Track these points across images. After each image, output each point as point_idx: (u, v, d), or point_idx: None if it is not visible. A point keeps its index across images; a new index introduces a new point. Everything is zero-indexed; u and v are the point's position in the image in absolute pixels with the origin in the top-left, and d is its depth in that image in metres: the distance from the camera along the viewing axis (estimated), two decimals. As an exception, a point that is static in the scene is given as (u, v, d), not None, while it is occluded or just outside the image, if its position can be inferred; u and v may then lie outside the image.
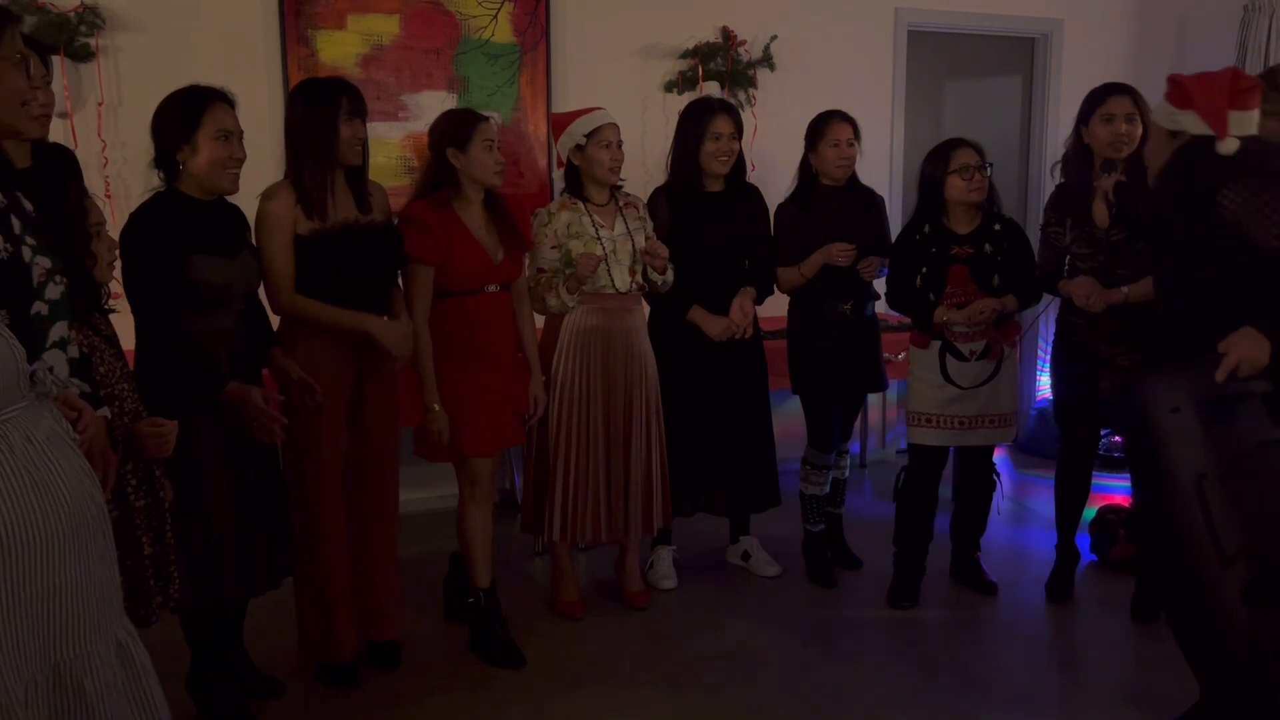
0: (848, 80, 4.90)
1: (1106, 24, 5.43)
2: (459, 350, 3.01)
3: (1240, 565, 2.08)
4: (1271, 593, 2.07)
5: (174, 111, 2.50)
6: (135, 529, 2.22)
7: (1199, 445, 2.13)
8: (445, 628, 3.36)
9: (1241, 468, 2.10)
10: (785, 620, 3.44)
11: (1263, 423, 2.13)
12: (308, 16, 4.13)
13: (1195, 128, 2.34)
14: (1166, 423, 2.16)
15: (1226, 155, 2.29)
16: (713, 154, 3.40)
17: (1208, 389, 2.16)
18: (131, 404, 2.25)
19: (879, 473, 5.05)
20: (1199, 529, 2.12)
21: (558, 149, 3.31)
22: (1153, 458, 2.21)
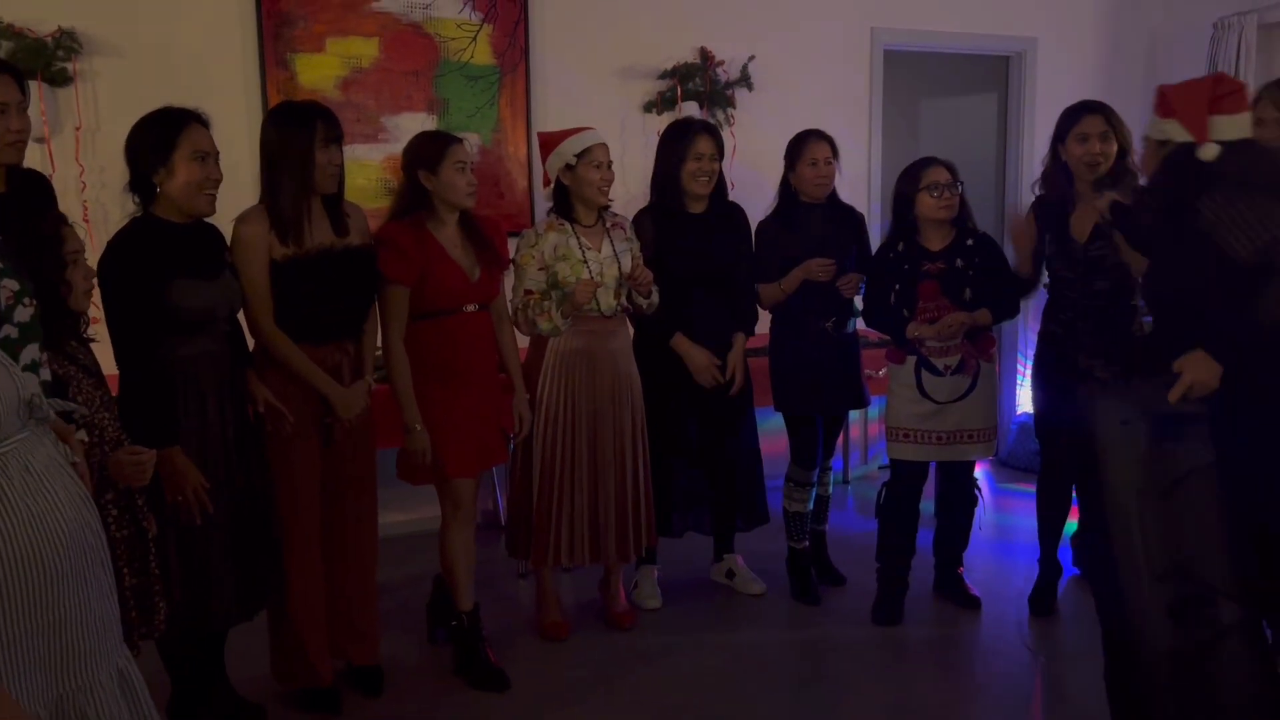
0: (825, 100, 4.94)
1: (1079, 42, 5.51)
2: (439, 370, 3.01)
3: (1170, 583, 2.11)
4: (1196, 612, 2.09)
5: (149, 134, 2.48)
6: (117, 560, 2.20)
7: (1143, 461, 2.16)
8: (428, 651, 3.34)
9: (1181, 488, 2.12)
10: (770, 639, 3.44)
11: (1206, 446, 2.15)
12: (286, 40, 4.13)
13: (1179, 135, 2.36)
14: (1115, 434, 2.19)
15: (1207, 161, 2.29)
16: (694, 174, 3.42)
17: (1160, 406, 2.19)
18: (112, 433, 2.23)
19: (862, 489, 5.06)
20: (1132, 544, 2.14)
21: (545, 168, 3.31)
22: (1097, 468, 2.24)
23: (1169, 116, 2.37)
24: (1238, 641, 2.09)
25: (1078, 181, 3.24)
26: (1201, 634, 2.09)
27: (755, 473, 3.65)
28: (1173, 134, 2.36)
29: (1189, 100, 2.32)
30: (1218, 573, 2.11)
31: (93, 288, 2.34)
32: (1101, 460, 2.22)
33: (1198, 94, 2.32)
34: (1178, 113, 2.35)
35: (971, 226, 3.43)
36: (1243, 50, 4.95)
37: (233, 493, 2.58)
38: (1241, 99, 2.34)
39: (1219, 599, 2.09)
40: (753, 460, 3.64)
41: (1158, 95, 2.44)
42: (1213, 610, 2.09)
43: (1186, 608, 2.09)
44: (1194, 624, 2.09)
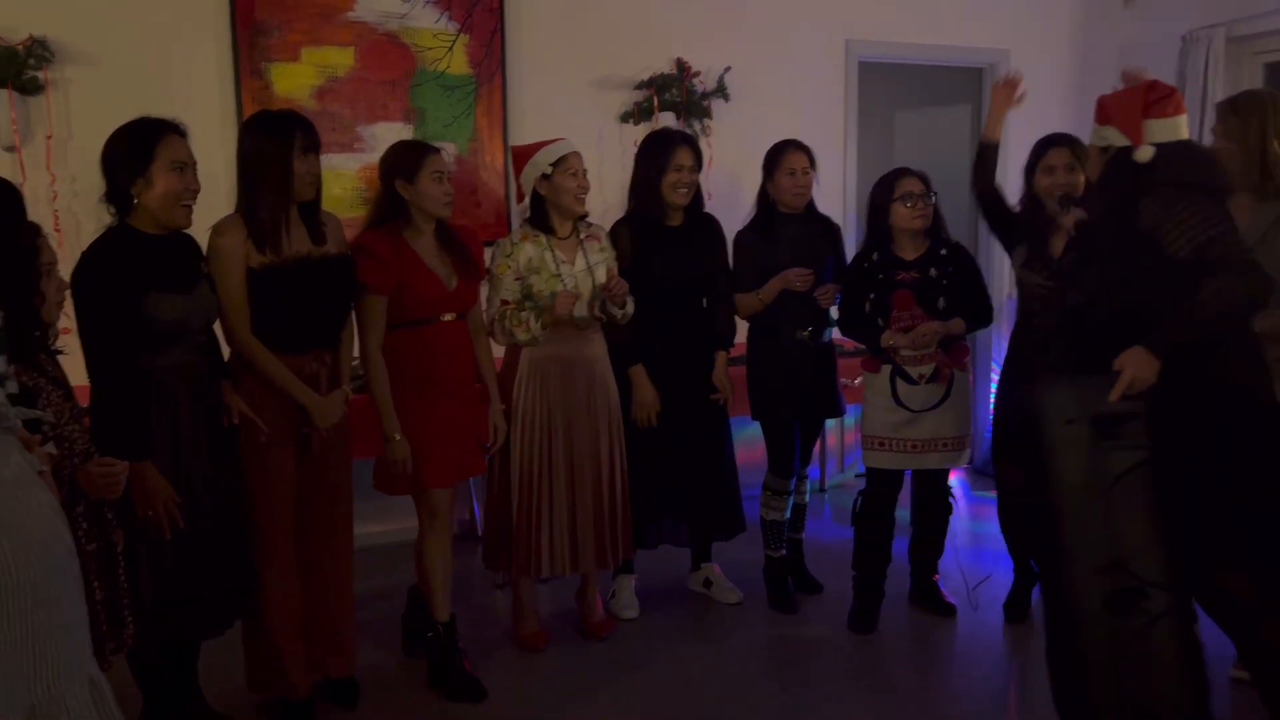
0: (801, 110, 4.97)
1: (1051, 54, 5.57)
2: (417, 380, 3.00)
3: (1107, 575, 2.22)
4: (1132, 603, 2.20)
5: (126, 144, 2.47)
6: (87, 573, 2.18)
7: (1085, 458, 2.25)
8: (404, 663, 3.32)
9: (1119, 484, 2.22)
10: (748, 647, 3.44)
11: (1141, 443, 2.24)
12: (261, 49, 4.12)
13: (1117, 140, 2.44)
14: (1060, 432, 2.27)
15: (1143, 162, 2.36)
16: (675, 185, 3.43)
17: (1101, 405, 2.26)
18: (81, 445, 2.21)
19: (839, 497, 5.08)
20: (1075, 537, 2.25)
21: (520, 181, 3.31)
22: (1043, 464, 2.31)
23: (1107, 123, 2.46)
24: (1167, 625, 2.22)
25: (1049, 208, 3.29)
26: (1135, 621, 2.22)
27: (731, 480, 3.66)
28: (1112, 139, 2.45)
29: (1124, 107, 2.41)
30: (1151, 565, 2.23)
31: (64, 299, 2.32)
32: (1048, 458, 2.29)
33: (1132, 101, 2.41)
34: (1114, 119, 2.44)
35: (945, 236, 3.46)
36: (1211, 63, 5.02)
37: (206, 505, 2.56)
38: (1172, 104, 2.40)
39: (1151, 590, 2.21)
40: (728, 468, 3.65)
41: (1097, 105, 2.53)
42: (1146, 601, 2.21)
43: (1121, 599, 2.21)
44: (1128, 613, 2.21)
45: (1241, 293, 2.21)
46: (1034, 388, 2.55)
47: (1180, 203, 2.28)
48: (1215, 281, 2.21)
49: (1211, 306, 2.21)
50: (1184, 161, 2.37)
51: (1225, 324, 2.25)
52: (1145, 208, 2.32)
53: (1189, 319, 2.24)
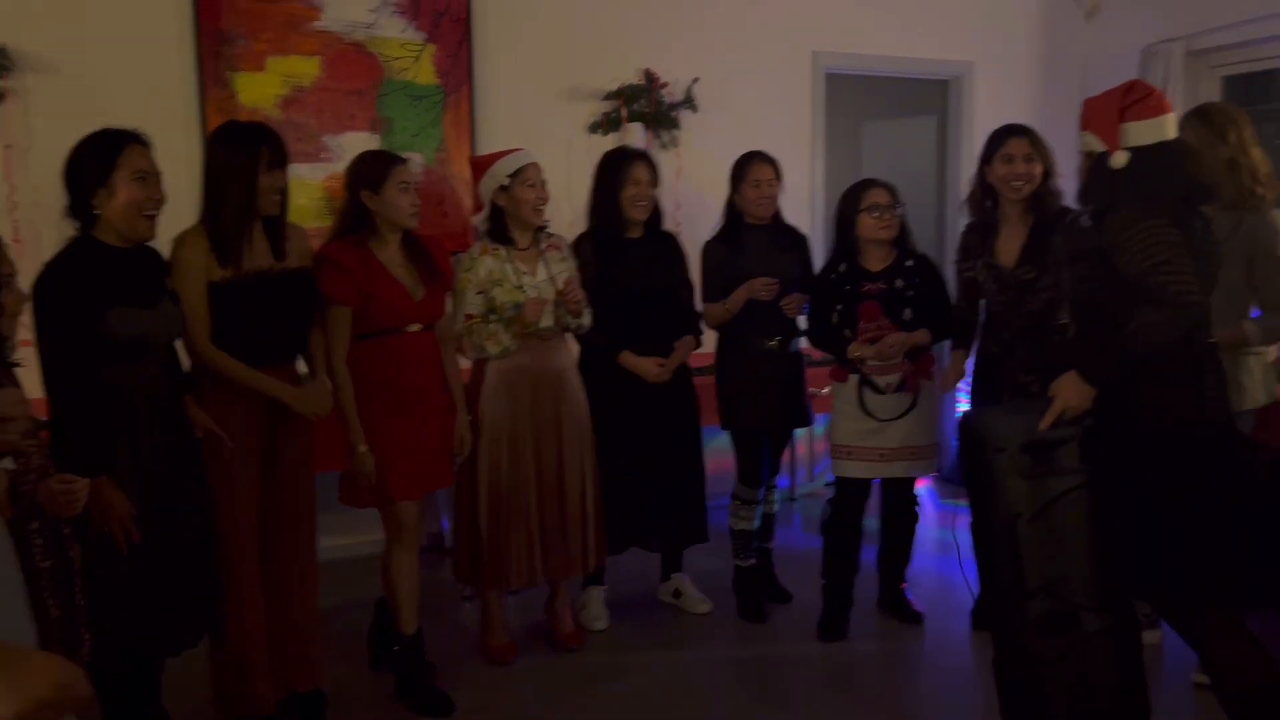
0: (768, 121, 5.00)
1: (1015, 67, 5.64)
2: (383, 391, 2.98)
3: (1039, 599, 2.26)
4: (1062, 627, 2.24)
5: (88, 155, 2.43)
6: (41, 590, 2.14)
7: (1017, 486, 2.27)
8: (371, 676, 3.29)
9: (1050, 511, 2.25)
10: (717, 657, 3.44)
11: (1075, 468, 2.26)
12: (226, 58, 4.09)
13: (1097, 146, 2.39)
14: (996, 460, 2.29)
15: (1118, 169, 2.31)
16: (633, 199, 3.44)
17: (1032, 433, 2.28)
18: (39, 459, 2.17)
19: (808, 506, 5.10)
20: (1008, 562, 2.28)
21: (479, 192, 3.30)
22: (979, 490, 2.35)
23: (1086, 129, 2.43)
24: (1103, 644, 2.26)
25: (1002, 202, 3.29)
26: (1066, 642, 2.26)
27: (698, 489, 3.66)
28: (1092, 145, 2.40)
29: (1101, 111, 2.36)
30: (1082, 588, 2.27)
31: (23, 312, 2.28)
32: (983, 485, 2.32)
33: (1109, 104, 2.35)
34: (1091, 124, 2.40)
35: (911, 247, 3.49)
36: (1170, 77, 5.10)
37: (170, 520, 2.52)
38: (1153, 104, 2.33)
39: (1082, 614, 2.26)
40: (696, 477, 3.65)
41: (1081, 109, 2.49)
42: (1075, 625, 2.26)
43: (1052, 622, 2.26)
44: (1059, 635, 2.25)
45: (1171, 327, 2.19)
46: (969, 415, 2.58)
47: (1136, 223, 2.23)
48: (1148, 313, 2.19)
49: (1143, 339, 2.21)
50: (1157, 168, 2.30)
51: (1157, 355, 2.22)
52: (1108, 225, 2.29)
53: (1121, 350, 2.24)
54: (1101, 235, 2.32)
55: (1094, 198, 2.41)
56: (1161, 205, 2.26)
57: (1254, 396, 3.02)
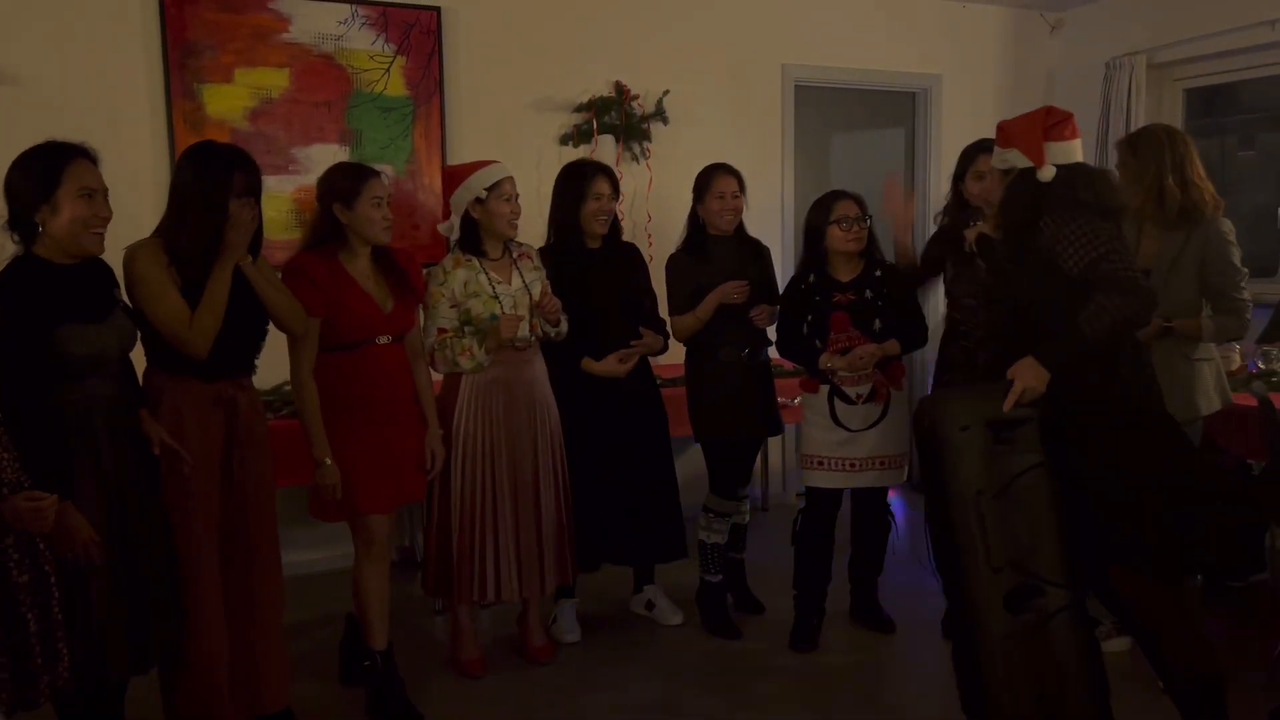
0: (738, 133, 5.03)
1: (982, 79, 5.71)
2: (352, 404, 2.96)
3: (1005, 575, 2.33)
4: (1027, 601, 2.31)
5: (31, 169, 2.34)
6: (19, 605, 2.10)
7: (980, 463, 2.36)
8: (341, 692, 3.26)
9: (1013, 487, 2.34)
10: (690, 669, 3.44)
11: (1034, 447, 2.35)
12: (193, 70, 4.06)
13: (1019, 162, 2.54)
14: (956, 439, 2.37)
15: (1045, 182, 2.47)
16: (595, 213, 3.46)
17: (994, 412, 2.37)
18: (11, 475, 2.13)
19: (780, 516, 5.10)
20: (972, 539, 2.35)
21: (452, 202, 3.29)
22: (939, 471, 2.41)
23: (1009, 146, 2.58)
24: (1063, 622, 2.32)
25: (975, 215, 3.35)
26: (1031, 618, 2.32)
27: (673, 504, 3.65)
28: (1014, 161, 2.55)
29: (1026, 131, 2.53)
30: (1046, 564, 2.34)
31: None
32: (945, 463, 2.39)
33: (1033, 125, 2.52)
34: (1016, 142, 2.55)
35: (880, 258, 3.51)
36: (1133, 89, 5.19)
37: (129, 539, 2.45)
38: (1070, 128, 2.53)
39: (1047, 588, 2.32)
40: (670, 491, 3.64)
41: (998, 129, 2.64)
42: (1041, 599, 2.32)
43: (1018, 596, 2.31)
44: (1025, 610, 2.31)
45: (1125, 309, 2.31)
46: (926, 399, 2.65)
47: (1074, 221, 2.38)
48: (1101, 298, 2.32)
49: (1096, 322, 2.32)
50: (1081, 181, 2.48)
51: (1110, 338, 2.35)
52: (1044, 226, 2.42)
53: (1076, 333, 2.34)
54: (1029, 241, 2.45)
55: (1016, 209, 2.54)
56: (1090, 210, 2.43)
57: (1209, 402, 3.08)
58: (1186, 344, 3.07)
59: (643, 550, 3.69)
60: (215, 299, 2.55)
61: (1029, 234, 2.48)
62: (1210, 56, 5.09)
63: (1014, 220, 2.56)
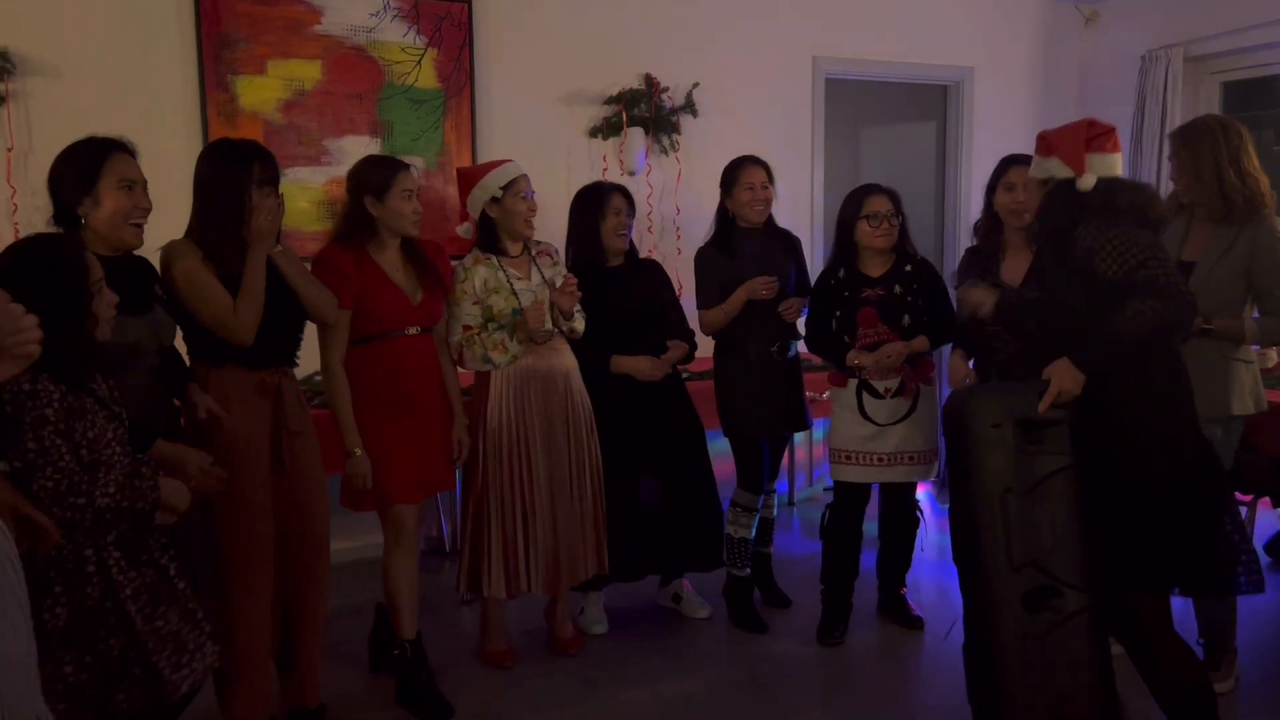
0: (768, 126, 5.01)
1: (1014, 72, 5.65)
2: (382, 394, 2.98)
3: (1025, 573, 2.34)
4: (1046, 601, 2.32)
5: (73, 163, 2.40)
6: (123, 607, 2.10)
7: (1010, 461, 2.36)
8: (371, 681, 3.29)
9: (1040, 488, 2.35)
10: (717, 663, 3.44)
11: (1065, 449, 2.36)
12: (227, 62, 4.09)
13: (1060, 172, 2.55)
14: (987, 435, 2.38)
15: (1085, 192, 2.49)
16: (614, 229, 3.47)
17: (1027, 411, 2.37)
18: (124, 469, 2.16)
19: (807, 511, 5.10)
20: (996, 536, 2.36)
21: (465, 203, 3.29)
22: (967, 465, 2.41)
23: (1049, 155, 2.58)
24: (1078, 624, 2.35)
25: (1006, 230, 3.31)
26: (1049, 619, 2.34)
27: (713, 514, 3.62)
28: (1054, 171, 2.56)
29: (1068, 141, 2.54)
30: (1068, 566, 2.35)
31: (114, 316, 2.24)
32: (973, 459, 2.39)
33: (1075, 135, 2.54)
34: (1057, 151, 2.56)
35: (911, 252, 3.49)
36: (1169, 82, 5.12)
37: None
38: (1111, 141, 2.54)
39: (1066, 590, 2.34)
40: (709, 501, 3.61)
41: (1038, 140, 2.64)
42: (1060, 600, 2.34)
43: (1038, 596, 2.33)
44: (1043, 611, 2.33)
45: (1164, 314, 2.30)
46: (959, 392, 2.66)
47: (1112, 229, 2.38)
48: (1140, 303, 2.30)
49: (1135, 325, 2.31)
50: (1120, 191, 2.49)
51: (1147, 342, 2.34)
52: (1080, 234, 2.42)
53: (1113, 336, 2.34)
54: (1072, 246, 2.43)
55: (1055, 216, 2.55)
56: (1128, 219, 2.43)
57: (1243, 404, 3.04)
58: (1226, 343, 3.03)
59: (680, 562, 3.68)
60: (253, 286, 2.60)
61: (1065, 241, 2.47)
62: (1249, 49, 5.01)
63: (1051, 228, 2.56)
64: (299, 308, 2.78)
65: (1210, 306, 2.99)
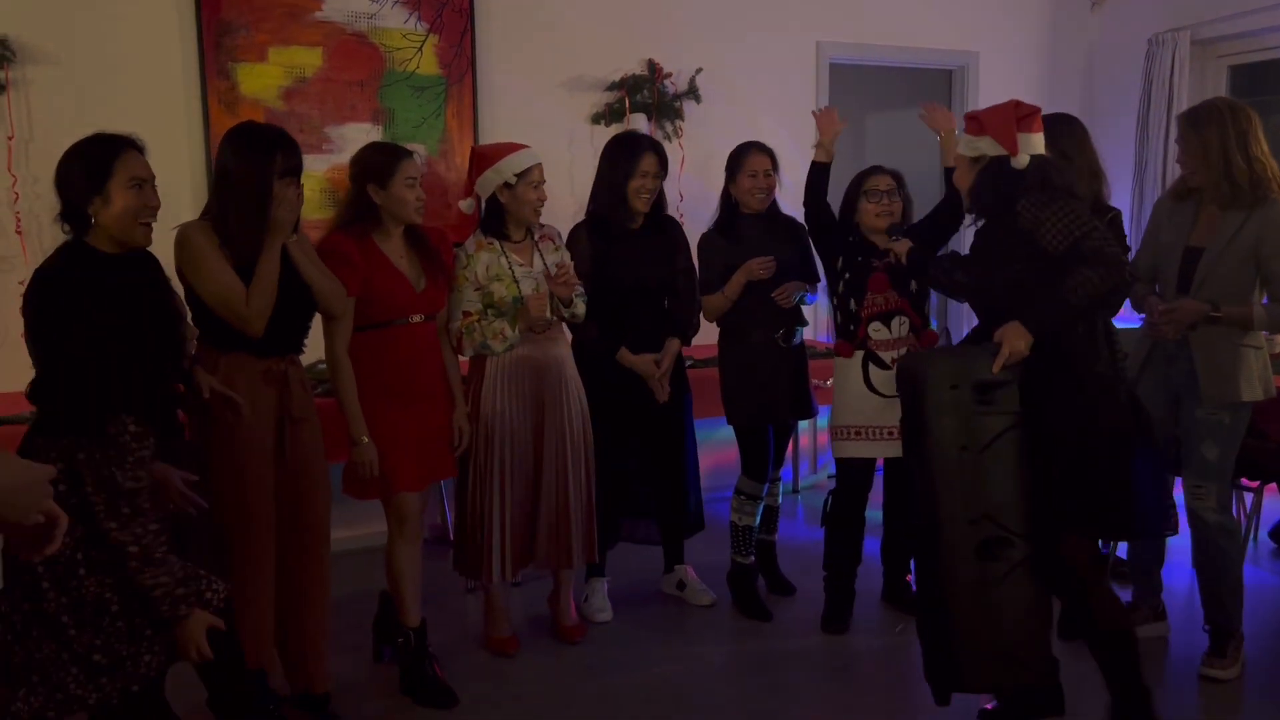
0: (771, 112, 4.98)
1: (1020, 56, 5.62)
2: (385, 382, 2.97)
3: (980, 526, 2.49)
4: (999, 551, 2.49)
5: (82, 161, 2.37)
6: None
7: (966, 420, 2.50)
8: (375, 669, 3.30)
9: (993, 445, 2.49)
10: (721, 650, 3.44)
11: (1014, 408, 2.51)
12: (228, 49, 4.07)
13: (992, 150, 2.65)
14: (946, 398, 2.51)
15: (1020, 170, 2.60)
16: (638, 191, 3.43)
17: (982, 373, 2.51)
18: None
19: (811, 498, 5.09)
20: (953, 491, 2.51)
21: (479, 183, 3.27)
22: (923, 424, 2.53)
23: (982, 134, 2.67)
24: (1023, 572, 2.51)
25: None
26: (1000, 569, 2.50)
27: (693, 479, 3.65)
28: (986, 149, 2.66)
29: (999, 120, 2.65)
30: (1016, 518, 2.51)
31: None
32: (929, 419, 2.51)
33: (1006, 115, 2.64)
34: (990, 131, 2.66)
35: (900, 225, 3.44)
36: (1176, 65, 5.08)
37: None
38: (1038, 121, 2.67)
39: (1016, 540, 2.50)
40: (690, 468, 3.64)
41: (968, 119, 2.72)
42: (1011, 549, 2.50)
43: (990, 546, 2.49)
44: (995, 560, 2.50)
45: (1108, 280, 2.47)
46: (913, 356, 2.78)
47: (1054, 204, 2.53)
48: (1087, 270, 2.46)
49: (1081, 290, 2.47)
50: (1054, 170, 2.65)
51: (1092, 307, 2.50)
52: (1023, 209, 2.55)
53: (1061, 301, 2.49)
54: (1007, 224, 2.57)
55: (989, 195, 2.66)
56: (1063, 194, 2.59)
57: (1252, 390, 3.02)
58: (1235, 330, 3.01)
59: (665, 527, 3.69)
60: (267, 277, 2.59)
61: (1002, 216, 2.61)
62: (1256, 32, 4.97)
63: (988, 204, 2.69)
64: (309, 297, 2.78)
65: (1219, 292, 2.97)
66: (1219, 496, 3.07)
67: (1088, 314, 2.53)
